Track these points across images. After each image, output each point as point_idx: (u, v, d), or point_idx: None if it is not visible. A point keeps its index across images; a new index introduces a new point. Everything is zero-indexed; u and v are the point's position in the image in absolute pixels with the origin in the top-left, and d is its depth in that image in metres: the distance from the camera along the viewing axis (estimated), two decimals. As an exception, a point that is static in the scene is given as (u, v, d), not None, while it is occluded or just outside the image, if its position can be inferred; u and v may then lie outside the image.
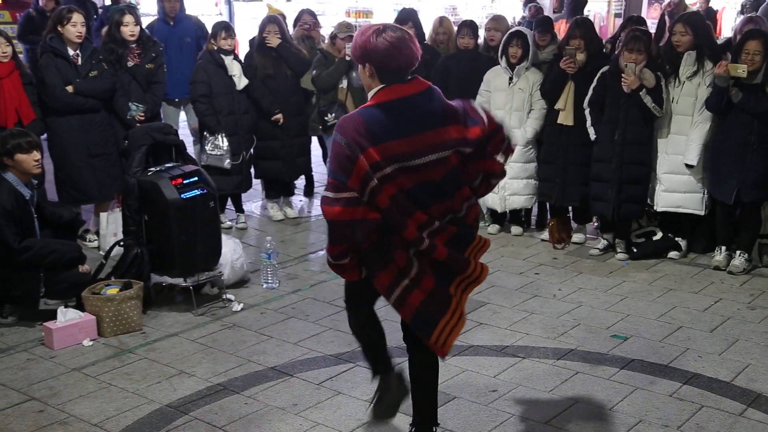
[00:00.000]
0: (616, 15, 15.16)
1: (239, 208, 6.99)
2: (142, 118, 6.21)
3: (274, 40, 6.67)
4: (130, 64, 6.26)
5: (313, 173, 8.00)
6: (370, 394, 3.93)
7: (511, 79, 6.30)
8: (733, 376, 4.13)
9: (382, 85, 3.05)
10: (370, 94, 3.10)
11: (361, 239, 3.03)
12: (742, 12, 10.67)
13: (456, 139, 3.09)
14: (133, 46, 6.28)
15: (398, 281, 3.12)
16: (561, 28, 7.67)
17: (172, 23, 7.44)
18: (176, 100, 7.26)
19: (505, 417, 3.77)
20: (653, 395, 3.95)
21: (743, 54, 5.31)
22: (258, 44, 6.75)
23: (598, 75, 5.84)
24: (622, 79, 5.59)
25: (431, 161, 3.03)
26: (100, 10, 8.99)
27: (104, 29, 6.76)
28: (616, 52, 5.99)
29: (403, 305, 3.17)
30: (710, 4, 11.43)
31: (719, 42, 6.29)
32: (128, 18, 6.22)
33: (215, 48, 6.55)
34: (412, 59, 3.04)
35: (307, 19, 7.55)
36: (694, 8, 10.43)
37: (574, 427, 3.67)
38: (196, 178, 5.08)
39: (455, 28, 7.01)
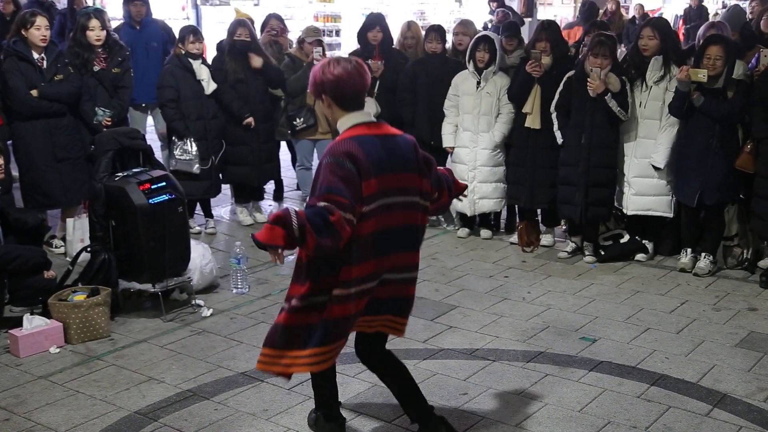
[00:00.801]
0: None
1: (208, 213, 6.95)
2: (109, 124, 6.14)
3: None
4: (97, 68, 6.19)
5: (282, 178, 7.98)
6: (340, 399, 3.94)
7: (479, 83, 6.34)
8: (699, 376, 4.20)
9: (355, 121, 3.20)
10: (341, 128, 3.22)
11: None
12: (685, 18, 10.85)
13: (423, 190, 3.27)
14: (100, 50, 6.21)
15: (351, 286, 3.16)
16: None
17: (138, 27, 7.38)
18: (143, 105, 7.19)
19: (475, 420, 3.79)
20: (621, 396, 3.99)
21: (705, 59, 5.40)
22: (229, 48, 6.71)
23: (564, 79, 5.90)
24: (588, 84, 5.66)
25: (409, 202, 3.19)
26: (57, 15, 8.85)
27: (71, 33, 6.67)
28: (581, 57, 6.05)
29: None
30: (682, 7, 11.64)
31: (684, 48, 6.40)
32: (94, 22, 6.14)
33: (183, 52, 6.50)
34: (362, 86, 3.21)
35: (275, 25, 7.53)
36: (658, 14, 10.62)
37: (544, 429, 3.70)
38: (164, 183, 5.04)
39: (423, 33, 7.04)
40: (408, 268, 3.31)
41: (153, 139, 7.10)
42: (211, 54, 7.35)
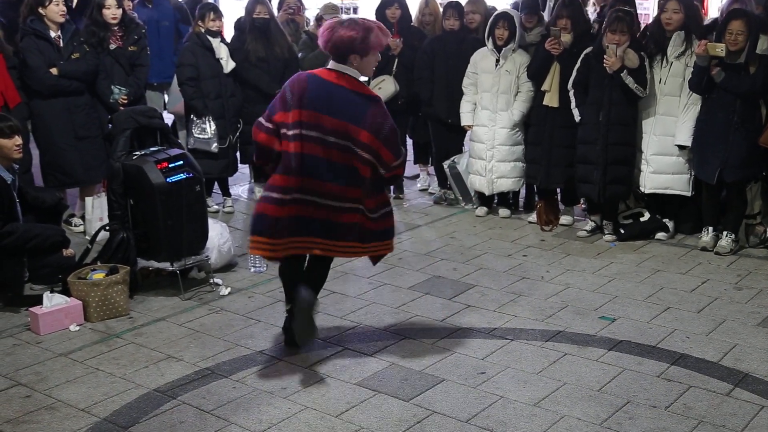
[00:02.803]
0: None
1: (226, 192, 6.95)
2: (125, 102, 6.14)
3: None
4: (113, 47, 6.18)
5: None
6: (358, 378, 3.96)
7: (497, 61, 6.27)
8: (720, 356, 4.16)
9: (328, 66, 3.98)
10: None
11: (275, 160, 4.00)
12: None
13: (361, 141, 3.90)
14: (115, 28, 6.20)
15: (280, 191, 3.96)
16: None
17: (150, 6, 7.36)
18: (155, 84, 7.15)
19: (493, 399, 3.77)
20: (641, 376, 3.96)
21: (727, 34, 5.31)
22: (250, 27, 6.66)
23: (582, 56, 5.83)
24: (604, 60, 5.58)
25: (340, 144, 3.89)
26: None
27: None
28: (600, 33, 5.97)
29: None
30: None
31: (706, 22, 6.29)
32: (110, 1, 6.12)
33: (202, 30, 6.47)
34: (348, 43, 3.88)
35: (291, 2, 7.48)
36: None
37: (563, 409, 3.68)
38: (181, 162, 5.04)
39: (441, 10, 6.97)
40: (337, 198, 3.94)
41: (167, 118, 7.07)
42: (228, 32, 7.32)
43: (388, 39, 4.04)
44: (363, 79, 4.15)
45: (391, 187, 7.26)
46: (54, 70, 5.87)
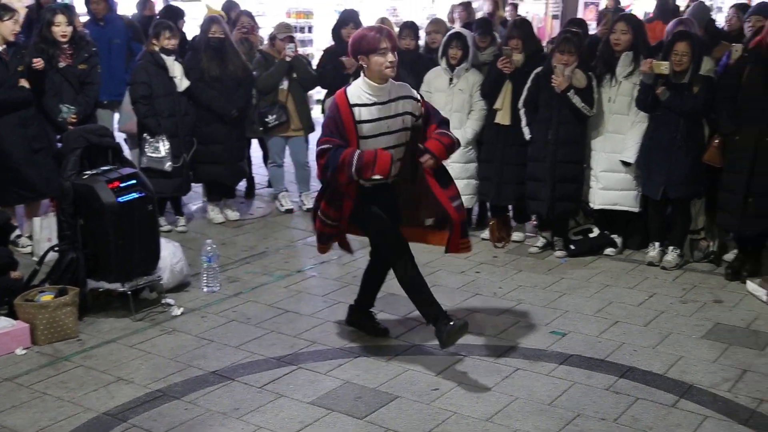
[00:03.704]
0: (554, 16, 15.42)
1: (179, 211, 6.90)
2: (74, 121, 6.06)
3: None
4: (62, 64, 6.11)
5: (253, 175, 7.96)
6: (312, 397, 3.96)
7: (451, 80, 6.36)
8: (666, 368, 4.25)
9: None
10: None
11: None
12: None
13: None
14: (65, 46, 6.14)
15: None
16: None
17: (102, 23, 7.30)
18: (105, 102, 7.07)
19: (447, 415, 3.80)
20: (591, 389, 4.03)
21: (672, 55, 5.46)
22: (205, 45, 6.66)
23: (532, 76, 5.94)
24: (552, 80, 5.70)
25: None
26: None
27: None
28: (548, 53, 6.10)
29: None
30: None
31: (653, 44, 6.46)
32: (60, 18, 6.06)
33: (156, 48, 6.44)
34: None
35: (245, 22, 7.49)
36: (628, 10, 10.72)
37: (515, 423, 3.72)
38: (133, 181, 4.99)
39: (396, 29, 7.04)
40: None
41: (119, 137, 7.01)
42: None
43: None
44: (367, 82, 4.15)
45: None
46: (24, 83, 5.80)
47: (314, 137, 7.80)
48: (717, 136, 5.52)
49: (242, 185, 7.77)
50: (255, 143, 7.75)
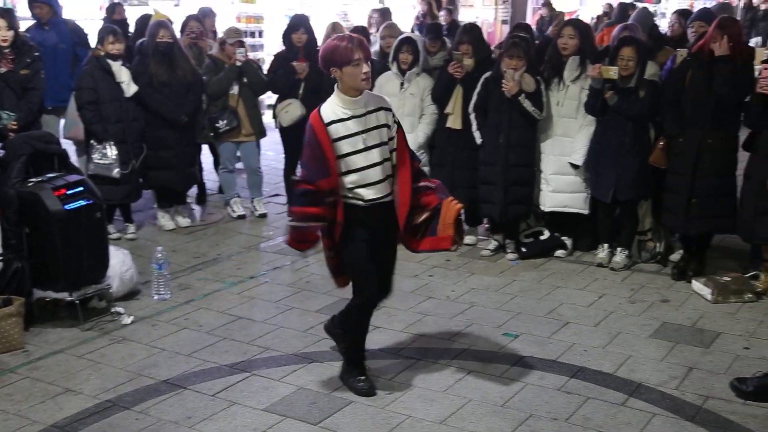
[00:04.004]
0: (503, 21, 15.61)
1: (128, 219, 6.80)
2: (15, 128, 5.91)
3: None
4: (3, 70, 5.96)
5: (204, 181, 7.88)
6: (266, 403, 3.94)
7: (402, 84, 6.38)
8: (616, 367, 4.32)
9: None
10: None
11: None
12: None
13: None
14: (6, 51, 5.99)
15: None
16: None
17: (47, 28, 7.16)
18: (49, 108, 6.92)
19: (401, 419, 3.81)
20: (542, 390, 4.08)
21: (618, 60, 5.57)
22: (153, 50, 6.57)
23: (482, 80, 6.00)
24: (502, 85, 5.76)
25: None
26: None
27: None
28: (497, 58, 6.17)
29: None
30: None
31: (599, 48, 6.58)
32: (0, 22, 5.93)
33: (102, 53, 6.34)
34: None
35: (194, 27, 7.42)
36: (575, 16, 10.93)
37: (468, 425, 3.75)
38: (80, 188, 4.92)
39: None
40: None
41: (67, 144, 6.88)
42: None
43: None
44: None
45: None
46: None
47: (266, 142, 7.84)
48: (662, 138, 5.64)
49: (193, 191, 7.69)
50: (206, 149, 7.68)
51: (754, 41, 14.34)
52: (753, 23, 20.70)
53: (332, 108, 3.88)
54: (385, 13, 9.25)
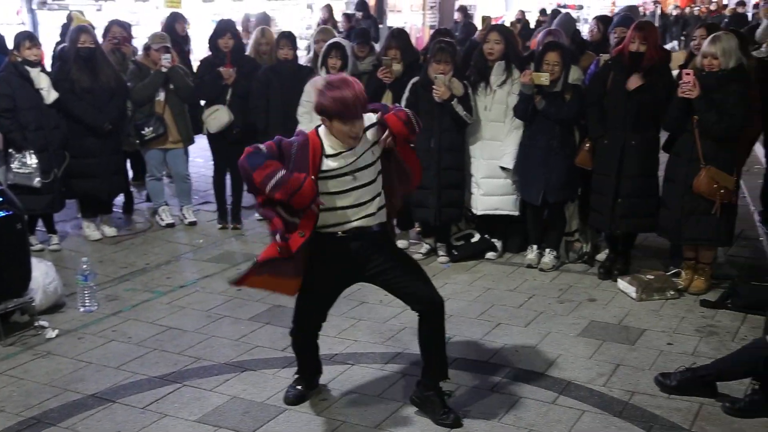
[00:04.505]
0: (431, 27, 15.78)
1: (51, 229, 6.60)
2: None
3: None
4: None
5: (131, 190, 7.72)
6: (198, 414, 3.87)
7: (331, 89, 6.36)
8: (546, 366, 4.41)
9: None
10: None
11: None
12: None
13: None
14: None
15: None
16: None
17: None
18: None
19: (336, 424, 3.80)
20: (476, 391, 4.13)
21: (544, 64, 5.68)
22: (74, 56, 6.40)
23: (409, 85, 6.04)
24: (434, 91, 5.82)
25: None
26: None
27: None
28: (425, 63, 6.22)
29: None
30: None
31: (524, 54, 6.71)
32: None
33: (19, 59, 6.14)
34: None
35: (117, 32, 7.27)
36: (500, 21, 11.13)
37: (403, 429, 3.76)
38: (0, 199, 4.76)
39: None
40: None
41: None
42: (49, 60, 7.01)
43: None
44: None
45: (229, 217, 7.20)
46: None
47: (194, 149, 7.72)
48: (587, 140, 5.78)
49: (120, 200, 7.52)
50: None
51: (669, 46, 14.89)
52: (666, 28, 21.57)
53: (329, 141, 3.57)
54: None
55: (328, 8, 11.48)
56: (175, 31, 8.11)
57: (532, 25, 12.75)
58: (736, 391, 4.01)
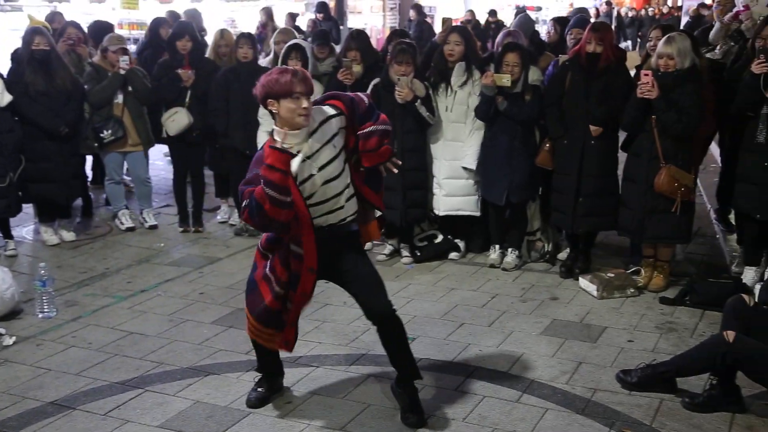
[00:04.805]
0: (391, 28, 15.80)
1: (7, 234, 6.47)
2: None
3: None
4: None
5: (90, 193, 7.61)
6: (161, 420, 3.83)
7: (292, 91, 6.34)
8: (510, 365, 4.44)
9: None
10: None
11: None
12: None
13: None
14: None
15: None
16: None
17: None
18: None
19: (301, 427, 3.79)
20: (440, 391, 4.14)
21: (503, 65, 5.73)
22: (29, 58, 6.28)
23: (371, 87, 6.05)
24: (396, 92, 5.83)
25: None
26: None
27: None
28: (386, 64, 6.23)
29: None
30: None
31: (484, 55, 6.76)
32: None
33: (-29, 62, 6.02)
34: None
35: (72, 33, 7.15)
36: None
37: (368, 431, 3.76)
38: (-47, 204, 4.65)
39: (236, 41, 6.96)
40: None
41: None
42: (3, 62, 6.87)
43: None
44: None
45: (190, 220, 7.13)
46: None
47: (154, 152, 7.63)
48: (547, 140, 5.84)
49: (78, 203, 7.40)
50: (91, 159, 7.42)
51: (623, 46, 15.11)
52: (620, 28, 21.97)
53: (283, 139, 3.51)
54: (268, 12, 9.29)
55: (267, 11, 11.44)
56: (159, 36, 7.99)
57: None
58: (695, 386, 4.09)
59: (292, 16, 11.47)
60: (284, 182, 3.40)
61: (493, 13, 15.23)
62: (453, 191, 6.15)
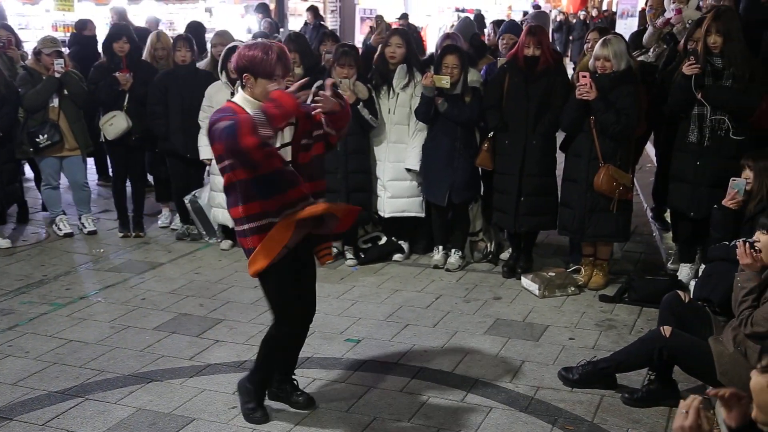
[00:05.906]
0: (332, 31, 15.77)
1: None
2: None
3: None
4: None
5: (26, 199, 7.42)
6: (102, 428, 3.76)
7: (233, 93, 6.28)
8: (454, 365, 4.48)
9: None
10: None
11: None
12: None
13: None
14: None
15: None
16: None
17: None
18: None
19: (247, 432, 3.77)
20: (385, 392, 4.16)
21: (443, 67, 5.79)
22: None
23: (313, 89, 6.02)
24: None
25: None
26: None
27: None
28: (327, 66, 6.24)
29: None
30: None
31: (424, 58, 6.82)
32: None
33: None
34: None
35: (3, 35, 6.97)
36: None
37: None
38: None
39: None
40: None
41: None
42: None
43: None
44: None
45: (131, 225, 7.00)
46: None
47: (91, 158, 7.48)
48: (486, 141, 5.91)
49: (14, 209, 7.21)
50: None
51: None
52: (569, 30, 22.20)
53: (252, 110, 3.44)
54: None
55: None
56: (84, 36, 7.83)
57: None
58: (635, 381, 4.19)
59: (315, 12, 11.37)
60: (279, 122, 3.37)
61: (404, 16, 15.20)
62: (398, 193, 6.18)
